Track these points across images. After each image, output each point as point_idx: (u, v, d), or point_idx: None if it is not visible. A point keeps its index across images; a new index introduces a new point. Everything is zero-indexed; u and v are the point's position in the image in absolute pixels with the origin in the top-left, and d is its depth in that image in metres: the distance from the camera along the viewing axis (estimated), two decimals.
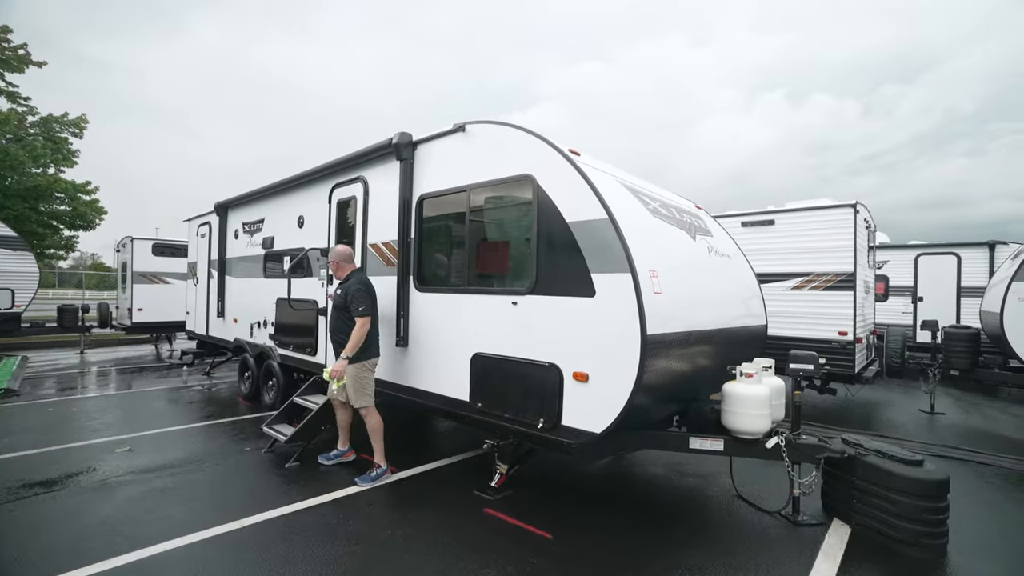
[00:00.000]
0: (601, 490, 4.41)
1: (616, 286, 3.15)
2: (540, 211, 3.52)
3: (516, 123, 3.77)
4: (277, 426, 5.12)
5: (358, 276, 4.42)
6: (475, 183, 3.99)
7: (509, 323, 3.70)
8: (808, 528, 3.61)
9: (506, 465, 4.14)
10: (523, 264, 3.69)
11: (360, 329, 4.15)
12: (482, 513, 3.76)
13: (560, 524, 3.60)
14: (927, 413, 7.13)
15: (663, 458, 5.02)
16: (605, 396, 3.19)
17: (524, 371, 3.57)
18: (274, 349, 6.59)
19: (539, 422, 3.45)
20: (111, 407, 7.13)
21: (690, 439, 3.78)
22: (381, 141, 4.71)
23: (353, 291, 4.24)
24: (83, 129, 14.63)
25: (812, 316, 7.04)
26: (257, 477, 4.39)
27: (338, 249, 4.56)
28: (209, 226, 8.67)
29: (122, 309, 12.91)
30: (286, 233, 6.46)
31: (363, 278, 4.42)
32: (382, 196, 4.88)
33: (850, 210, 6.87)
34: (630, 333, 3.08)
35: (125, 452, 5.03)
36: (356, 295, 4.21)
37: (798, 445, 3.65)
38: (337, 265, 4.49)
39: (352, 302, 4.21)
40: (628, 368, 3.09)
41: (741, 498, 4.10)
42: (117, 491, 4.04)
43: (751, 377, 3.77)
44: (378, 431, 4.39)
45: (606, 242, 3.20)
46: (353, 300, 4.21)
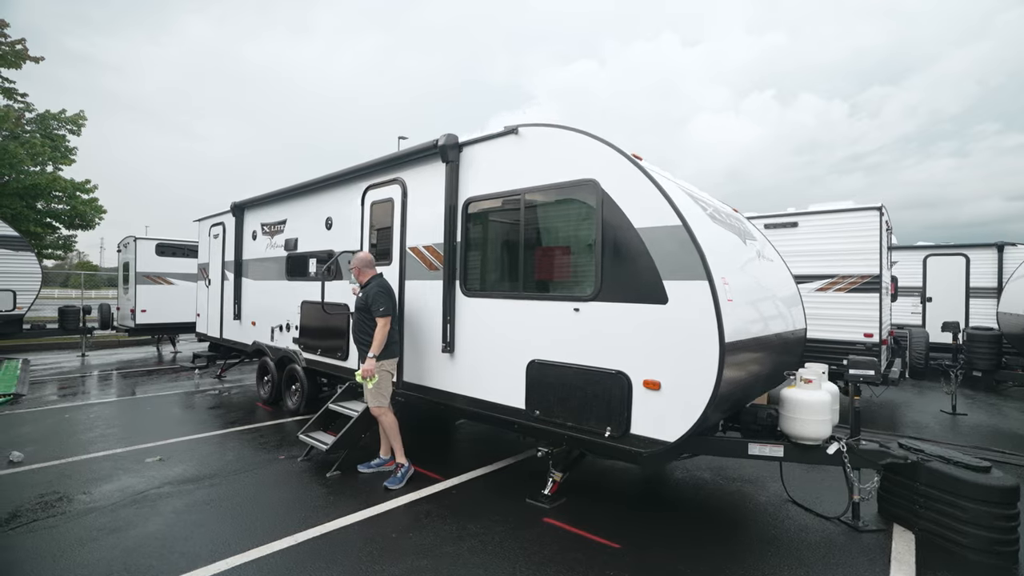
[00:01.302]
0: (651, 496, 4.37)
1: (692, 293, 3.10)
2: (605, 216, 3.46)
3: (576, 126, 3.70)
4: (314, 434, 5.01)
5: (378, 280, 4.52)
6: (530, 187, 3.91)
7: (570, 330, 3.64)
8: (870, 534, 3.60)
9: (560, 473, 4.09)
10: (585, 270, 3.63)
11: (383, 329, 4.28)
12: (542, 523, 3.70)
13: (622, 533, 3.55)
14: (949, 414, 7.20)
15: (705, 461, 5.01)
16: (679, 405, 3.15)
17: (588, 379, 3.52)
18: (299, 353, 6.47)
19: (606, 431, 3.39)
20: (129, 413, 6.95)
21: (749, 445, 3.76)
22: (423, 143, 4.62)
23: (373, 293, 4.37)
24: (81, 126, 14.28)
25: (837, 318, 7.08)
26: (300, 488, 4.29)
27: (360, 256, 4.61)
28: (223, 227, 8.49)
29: (124, 310, 12.63)
30: (312, 235, 6.34)
31: (383, 282, 4.53)
32: (422, 198, 4.79)
33: (876, 212, 6.91)
34: (708, 341, 3.03)
35: (157, 462, 4.89)
36: (376, 296, 4.33)
37: (860, 451, 3.64)
38: (359, 271, 4.56)
39: (373, 303, 4.31)
40: (705, 376, 3.04)
41: (796, 504, 4.08)
42: (160, 504, 3.92)
43: (810, 383, 3.76)
44: (394, 430, 4.46)
45: (680, 248, 3.15)
46: (374, 301, 4.31)
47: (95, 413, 6.81)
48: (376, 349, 4.26)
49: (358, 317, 4.48)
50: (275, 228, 7.14)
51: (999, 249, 10.43)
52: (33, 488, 4.21)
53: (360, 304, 4.45)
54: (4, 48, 11.97)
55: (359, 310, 4.46)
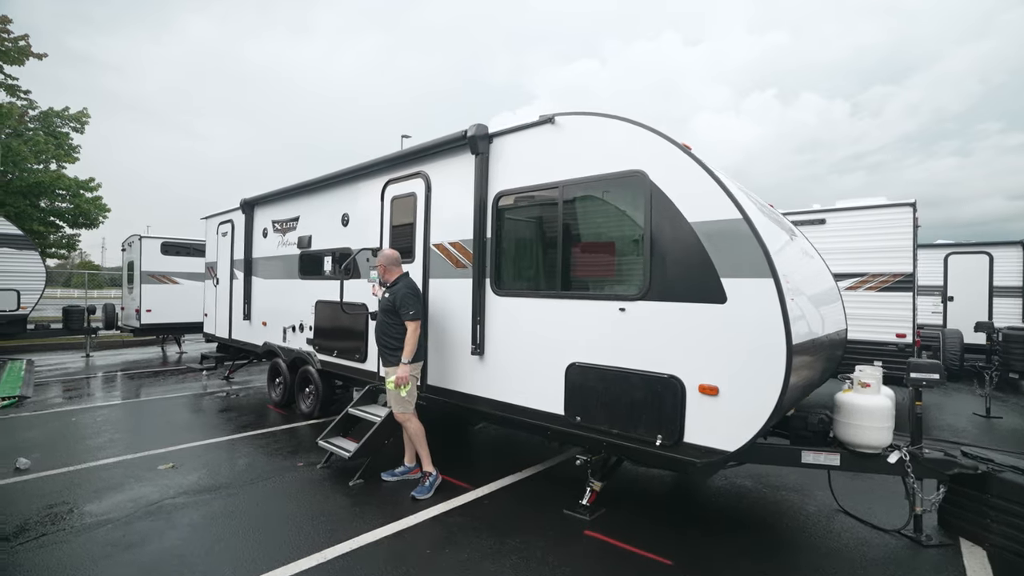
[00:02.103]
0: (691, 505, 4.15)
1: (755, 292, 2.87)
2: (654, 210, 3.23)
3: (620, 114, 3.47)
4: (334, 439, 4.78)
5: (406, 280, 4.29)
6: (568, 179, 3.68)
7: (615, 331, 3.40)
8: (935, 549, 3.37)
9: (599, 482, 3.86)
10: (631, 268, 3.40)
11: (415, 333, 4.08)
12: (584, 536, 3.47)
13: (671, 547, 3.33)
14: (983, 417, 6.97)
15: (744, 468, 4.76)
16: (740, 411, 2.92)
17: (636, 383, 3.29)
18: (313, 355, 6.24)
19: (656, 439, 3.16)
20: (137, 416, 6.74)
21: (802, 453, 3.53)
22: (451, 134, 4.39)
23: (402, 295, 4.13)
24: (85, 124, 14.06)
25: (867, 318, 6.85)
26: (323, 498, 4.06)
27: (387, 253, 4.34)
28: (232, 224, 8.27)
29: (129, 310, 12.41)
30: (327, 232, 6.11)
31: (411, 282, 4.31)
32: (448, 192, 4.56)
33: (909, 209, 6.69)
34: (774, 343, 2.80)
35: (169, 469, 4.67)
36: (405, 299, 4.11)
37: (925, 460, 3.41)
38: (385, 269, 4.31)
39: (402, 306, 4.10)
40: (771, 381, 2.82)
41: (848, 514, 3.85)
42: (175, 516, 3.69)
43: (869, 386, 3.53)
44: (421, 436, 4.25)
45: (740, 244, 2.92)
46: (403, 304, 4.10)
47: (102, 416, 6.59)
48: (409, 354, 4.06)
49: (383, 319, 4.23)
50: (287, 225, 6.92)
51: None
52: (41, 498, 3.99)
53: (386, 305, 4.20)
54: (7, 44, 11.75)
55: (385, 312, 4.21)
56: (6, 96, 12.07)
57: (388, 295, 4.23)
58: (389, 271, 4.30)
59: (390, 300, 4.19)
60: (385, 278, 4.31)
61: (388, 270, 4.30)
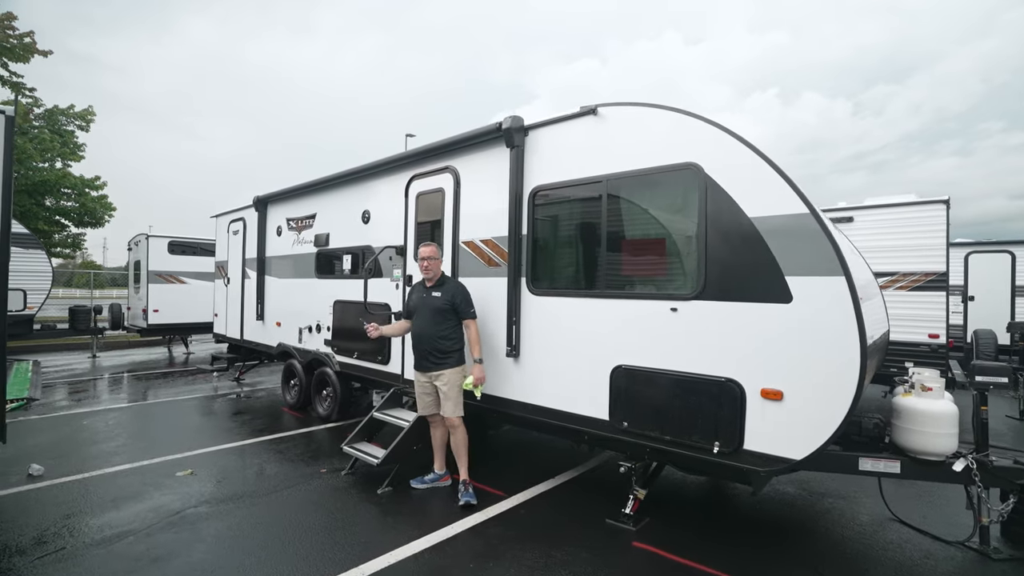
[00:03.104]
0: (737, 513, 3.98)
1: (824, 291, 2.69)
2: (709, 205, 3.05)
3: (671, 105, 3.29)
4: (358, 445, 4.60)
5: (451, 278, 4.24)
6: (613, 174, 3.50)
7: (666, 332, 3.23)
8: (1006, 563, 3.19)
9: (643, 490, 3.68)
10: (684, 265, 3.22)
11: (478, 330, 4.03)
12: (632, 548, 3.30)
13: (726, 560, 3.15)
14: (1017, 419, 6.80)
15: (787, 475, 4.59)
16: (808, 417, 2.74)
17: (689, 387, 3.11)
18: (331, 356, 6.07)
19: (714, 446, 2.99)
20: (149, 419, 6.57)
21: (860, 460, 3.34)
22: (484, 126, 4.21)
23: (461, 293, 4.04)
24: (90, 122, 13.88)
25: (899, 318, 6.64)
26: (352, 508, 3.88)
27: (434, 247, 4.13)
28: (243, 222, 8.09)
29: (135, 310, 12.24)
30: (346, 229, 5.93)
31: (458, 280, 4.26)
32: (479, 188, 4.38)
33: (942, 206, 6.51)
34: (847, 345, 2.63)
35: (188, 475, 4.49)
36: (465, 296, 4.04)
37: (993, 468, 3.23)
38: (437, 263, 4.12)
39: (463, 304, 4.01)
40: (843, 385, 2.64)
41: (904, 524, 3.68)
42: (200, 527, 3.51)
43: (931, 390, 3.35)
44: (466, 442, 4.09)
45: (808, 241, 2.75)
46: (464, 302, 4.02)
47: (114, 420, 6.41)
48: (480, 352, 3.97)
49: (435, 319, 3.98)
50: (303, 223, 6.74)
51: None
52: (57, 507, 3.81)
53: (441, 305, 3.98)
54: (12, 41, 11.57)
55: (438, 311, 3.98)
56: (10, 93, 11.89)
57: (439, 294, 4.02)
58: (438, 266, 4.12)
59: (445, 299, 3.99)
60: (435, 273, 4.09)
61: (439, 264, 4.13)
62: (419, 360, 4.10)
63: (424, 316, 4.04)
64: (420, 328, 4.07)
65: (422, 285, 4.15)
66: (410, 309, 4.19)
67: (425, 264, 4.04)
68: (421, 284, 4.18)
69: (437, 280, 4.08)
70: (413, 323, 4.14)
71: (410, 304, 4.21)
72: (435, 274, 4.07)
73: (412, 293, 4.26)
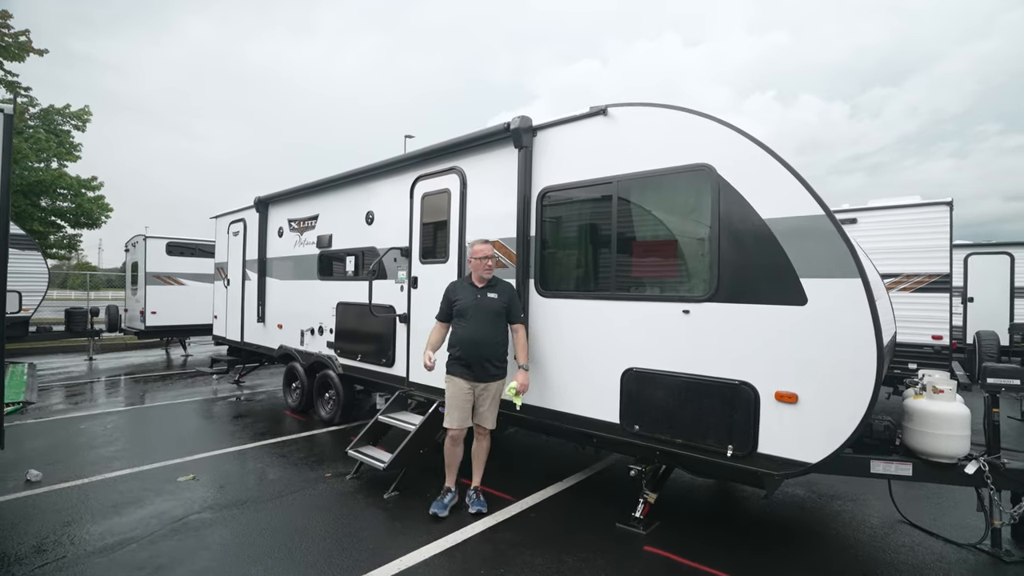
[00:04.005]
0: (748, 516, 3.95)
1: (840, 293, 2.67)
2: (722, 206, 3.02)
3: (683, 105, 3.27)
4: (364, 449, 4.55)
5: (501, 279, 3.95)
6: (623, 174, 3.48)
7: (678, 335, 3.20)
8: (1019, 565, 3.18)
9: (653, 493, 3.65)
10: (697, 267, 3.20)
11: (526, 335, 3.82)
12: (644, 552, 3.26)
13: (737, 564, 3.13)
14: (1018, 420, 6.80)
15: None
16: (824, 420, 2.72)
17: (702, 390, 3.08)
18: (334, 359, 6.01)
19: (727, 449, 2.96)
20: (148, 423, 6.48)
21: (871, 462, 3.32)
22: (491, 127, 4.18)
23: (514, 295, 3.86)
24: (86, 122, 13.76)
25: (902, 319, 6.65)
26: (359, 513, 3.82)
27: (491, 245, 3.91)
28: (244, 223, 8.02)
29: (132, 312, 12.13)
30: (350, 231, 5.88)
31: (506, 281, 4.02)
32: (486, 189, 4.35)
33: (946, 208, 6.52)
34: (863, 347, 2.61)
35: (190, 480, 4.43)
36: (517, 299, 3.86)
37: (1006, 470, 3.21)
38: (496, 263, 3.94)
39: (515, 307, 3.81)
40: (860, 387, 2.62)
41: (914, 526, 3.66)
42: (204, 534, 3.45)
43: (942, 392, 3.34)
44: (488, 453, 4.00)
45: (823, 242, 2.73)
46: (516, 305, 3.82)
47: (112, 423, 6.33)
48: (527, 359, 3.78)
49: (499, 323, 3.75)
50: (305, 224, 6.68)
51: None
52: (56, 513, 3.74)
53: (498, 307, 3.73)
54: (7, 40, 11.46)
55: (499, 314, 3.73)
56: (5, 92, 11.77)
57: (495, 295, 3.74)
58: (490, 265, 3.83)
59: (503, 301, 3.75)
60: (491, 274, 3.83)
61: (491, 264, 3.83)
62: (472, 368, 3.71)
63: (481, 320, 3.70)
64: (477, 333, 3.71)
65: (470, 285, 3.81)
66: (458, 311, 3.76)
67: (488, 264, 3.77)
68: (468, 284, 3.83)
69: (490, 280, 3.83)
70: (464, 327, 3.72)
71: (459, 305, 3.77)
72: (489, 275, 3.82)
73: (457, 293, 3.82)
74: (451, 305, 3.83)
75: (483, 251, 3.80)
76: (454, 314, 3.81)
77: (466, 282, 3.87)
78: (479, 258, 3.77)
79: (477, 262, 3.78)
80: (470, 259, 3.83)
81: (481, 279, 3.80)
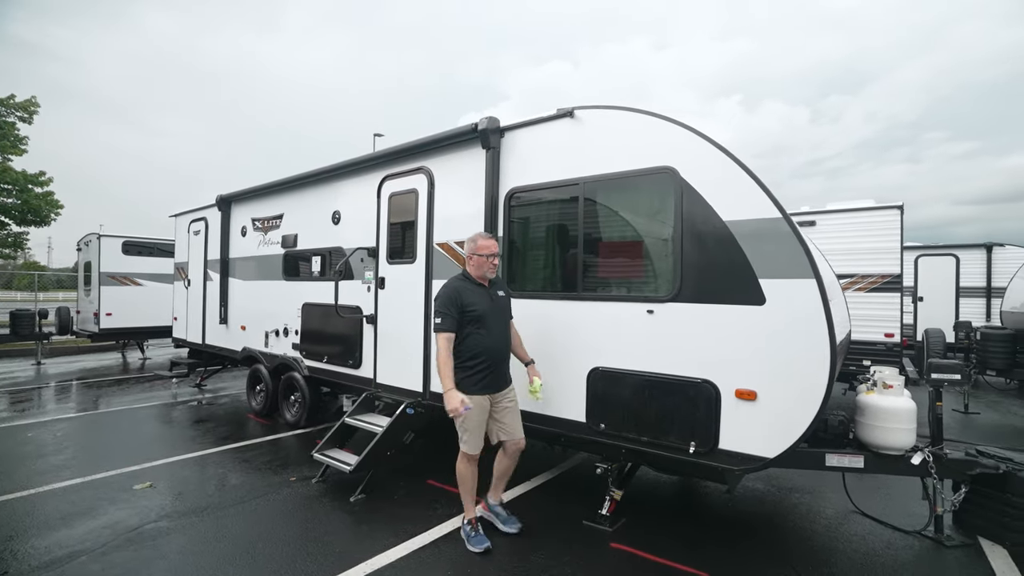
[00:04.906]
0: (711, 511, 4.05)
1: (796, 293, 2.78)
2: (685, 208, 3.10)
3: (647, 108, 3.33)
4: (330, 452, 4.47)
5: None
6: (590, 176, 3.52)
7: (642, 334, 3.26)
8: (958, 550, 3.36)
9: (619, 491, 3.71)
10: (660, 268, 3.26)
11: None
12: (610, 549, 3.31)
13: (701, 559, 3.20)
14: (962, 413, 7.20)
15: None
16: (780, 417, 2.82)
17: (666, 389, 3.15)
18: (300, 361, 5.89)
19: (690, 446, 3.03)
20: (102, 429, 6.20)
21: (826, 456, 3.46)
22: (459, 127, 4.17)
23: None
24: (33, 113, 13.04)
25: (857, 318, 6.95)
26: (324, 517, 3.76)
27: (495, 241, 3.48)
28: (205, 222, 7.76)
29: (86, 314, 11.56)
30: (316, 230, 5.77)
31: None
32: (454, 189, 4.33)
33: (897, 211, 6.84)
34: (817, 346, 2.72)
35: (147, 488, 4.26)
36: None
37: (948, 461, 3.40)
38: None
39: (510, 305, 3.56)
40: (813, 385, 2.73)
41: (866, 516, 3.83)
42: (161, 543, 3.33)
43: (892, 387, 3.51)
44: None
45: (780, 244, 2.83)
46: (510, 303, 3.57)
47: (62, 431, 6.03)
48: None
49: (508, 323, 3.47)
50: (269, 223, 6.52)
51: (988, 250, 10.67)
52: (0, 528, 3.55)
53: (508, 307, 3.49)
54: None
55: (507, 315, 3.47)
56: None
57: (503, 293, 3.46)
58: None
59: (508, 299, 3.50)
60: (494, 273, 3.44)
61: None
62: (491, 377, 3.29)
63: (499, 323, 3.37)
64: (500, 341, 3.36)
65: (477, 286, 3.35)
66: (476, 317, 3.24)
67: (495, 261, 3.37)
68: (475, 285, 3.35)
69: (493, 278, 3.47)
70: (486, 336, 3.27)
71: (476, 312, 3.24)
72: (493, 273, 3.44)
73: (467, 297, 3.27)
74: (462, 312, 3.24)
75: (490, 247, 3.34)
76: (468, 321, 3.25)
77: (470, 283, 3.36)
78: (485, 255, 3.32)
79: (482, 259, 3.32)
80: (470, 255, 3.38)
81: (484, 278, 3.38)
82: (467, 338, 3.25)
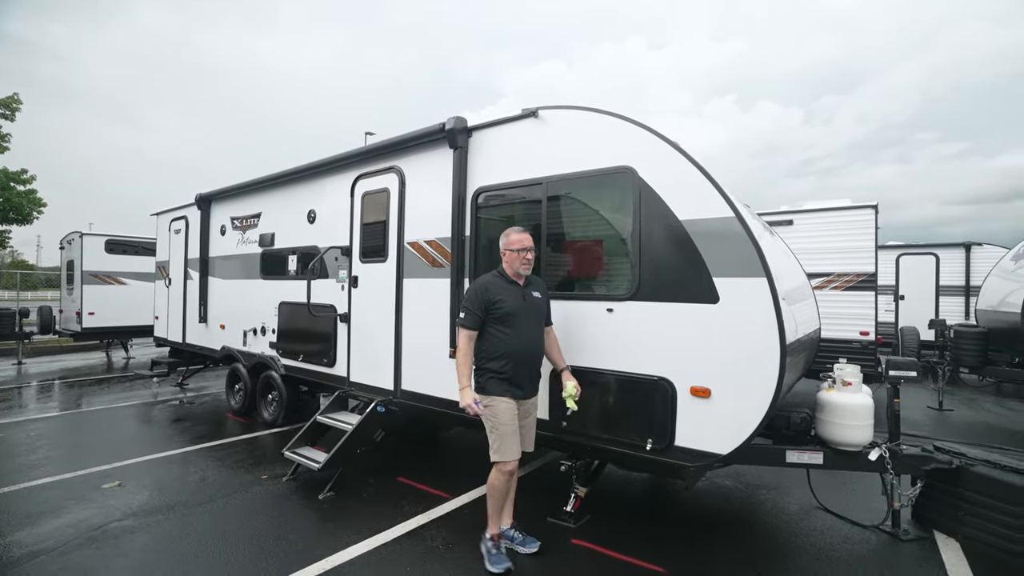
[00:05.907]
0: (676, 508, 4.10)
1: (748, 292, 2.82)
2: (643, 208, 3.13)
3: (608, 109, 3.37)
4: (300, 450, 4.48)
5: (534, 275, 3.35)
6: (553, 176, 3.55)
7: (602, 333, 3.30)
8: (913, 543, 3.42)
9: (584, 488, 3.74)
10: (619, 267, 3.30)
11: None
12: (571, 545, 3.35)
13: (662, 554, 3.24)
14: (936, 410, 7.30)
15: (724, 468, 4.77)
16: (733, 413, 2.86)
17: (624, 387, 3.19)
18: (276, 359, 5.89)
19: (647, 443, 3.07)
20: (77, 429, 6.17)
21: (787, 452, 3.51)
22: (426, 127, 4.18)
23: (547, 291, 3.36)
24: (15, 110, 12.90)
25: (833, 316, 7.02)
26: (291, 514, 3.77)
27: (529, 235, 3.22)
28: (186, 221, 7.73)
29: (68, 313, 11.48)
30: (292, 229, 5.77)
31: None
32: (424, 188, 4.35)
33: (871, 211, 6.91)
34: (767, 344, 2.76)
35: (115, 487, 4.26)
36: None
37: (903, 456, 3.46)
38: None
39: (549, 307, 3.31)
40: (764, 382, 2.77)
41: (828, 511, 3.89)
42: (124, 542, 3.33)
43: (850, 385, 3.56)
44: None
45: (733, 243, 2.86)
46: (549, 305, 3.33)
47: (36, 431, 6.00)
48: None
49: (541, 326, 3.23)
50: (248, 222, 6.51)
51: (967, 249, 10.80)
52: None
53: (544, 309, 3.25)
54: None
55: (542, 317, 3.24)
56: None
57: (539, 294, 3.21)
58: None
59: (545, 300, 3.26)
60: (528, 269, 3.18)
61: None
62: (522, 382, 3.10)
63: (532, 324, 3.14)
64: (531, 344, 3.14)
65: (510, 283, 3.14)
66: (503, 315, 3.04)
67: (529, 256, 3.12)
68: (507, 282, 3.14)
69: (528, 277, 3.23)
70: (513, 336, 3.06)
71: (504, 308, 3.04)
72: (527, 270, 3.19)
73: (497, 292, 3.07)
74: (488, 308, 3.05)
75: (522, 241, 3.11)
76: (494, 319, 3.05)
77: (502, 280, 3.14)
78: (518, 249, 3.09)
79: (515, 255, 3.10)
80: (504, 251, 3.16)
81: (519, 275, 3.16)
82: (491, 337, 3.08)
